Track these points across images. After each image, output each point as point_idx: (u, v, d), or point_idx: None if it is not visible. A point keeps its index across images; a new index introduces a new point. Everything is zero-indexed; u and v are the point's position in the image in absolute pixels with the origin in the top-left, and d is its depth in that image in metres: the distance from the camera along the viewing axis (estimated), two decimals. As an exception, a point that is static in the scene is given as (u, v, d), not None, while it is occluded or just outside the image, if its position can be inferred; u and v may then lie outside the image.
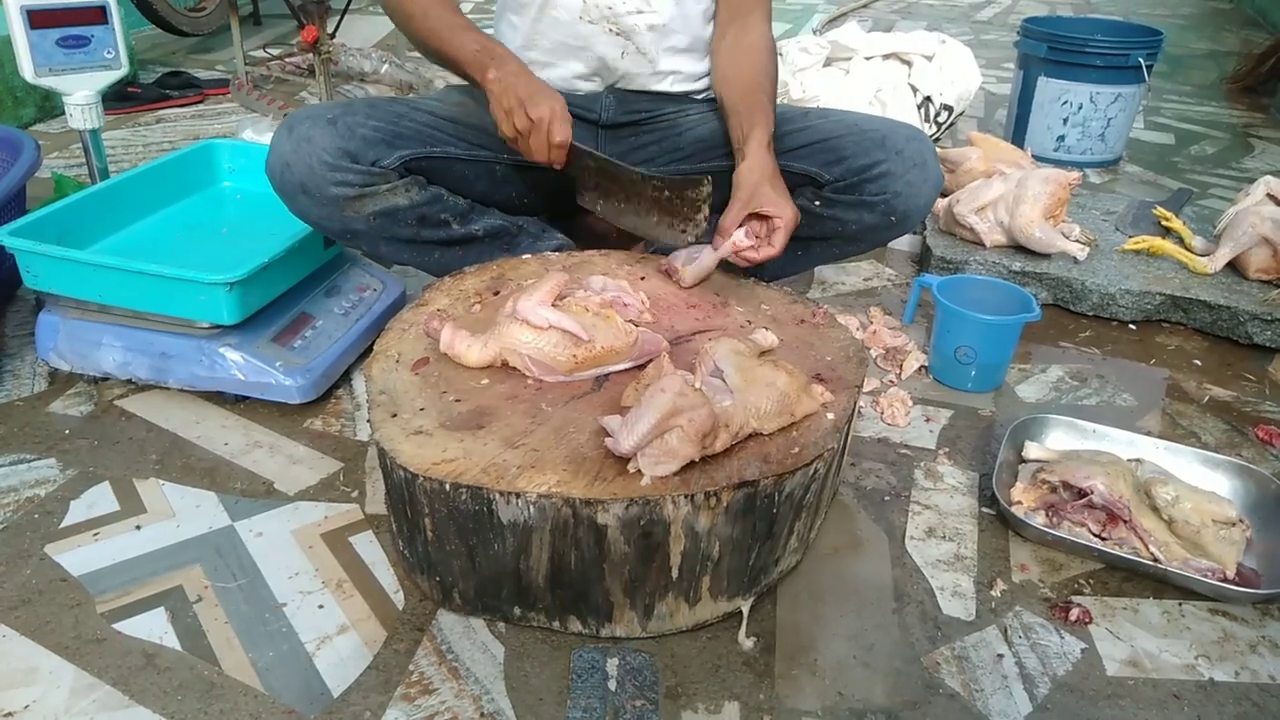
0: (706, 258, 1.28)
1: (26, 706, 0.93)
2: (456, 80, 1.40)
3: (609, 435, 0.94)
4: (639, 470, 0.92)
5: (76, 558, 1.11)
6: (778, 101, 1.40)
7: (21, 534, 1.14)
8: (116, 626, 1.02)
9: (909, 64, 2.54)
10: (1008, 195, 1.81)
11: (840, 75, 2.52)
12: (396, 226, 1.34)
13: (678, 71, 1.49)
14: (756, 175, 1.26)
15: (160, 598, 1.06)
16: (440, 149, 1.37)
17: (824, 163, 1.39)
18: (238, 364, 1.34)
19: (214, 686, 0.95)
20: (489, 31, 1.40)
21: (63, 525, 1.16)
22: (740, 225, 1.25)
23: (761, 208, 1.24)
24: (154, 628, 1.02)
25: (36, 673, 0.96)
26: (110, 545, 1.13)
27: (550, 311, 1.07)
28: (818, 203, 1.40)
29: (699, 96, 1.55)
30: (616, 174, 1.32)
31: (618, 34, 1.42)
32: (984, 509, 1.25)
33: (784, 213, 1.24)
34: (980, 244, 1.84)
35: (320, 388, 1.39)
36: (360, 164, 1.28)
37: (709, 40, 1.50)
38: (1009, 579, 1.13)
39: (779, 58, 1.63)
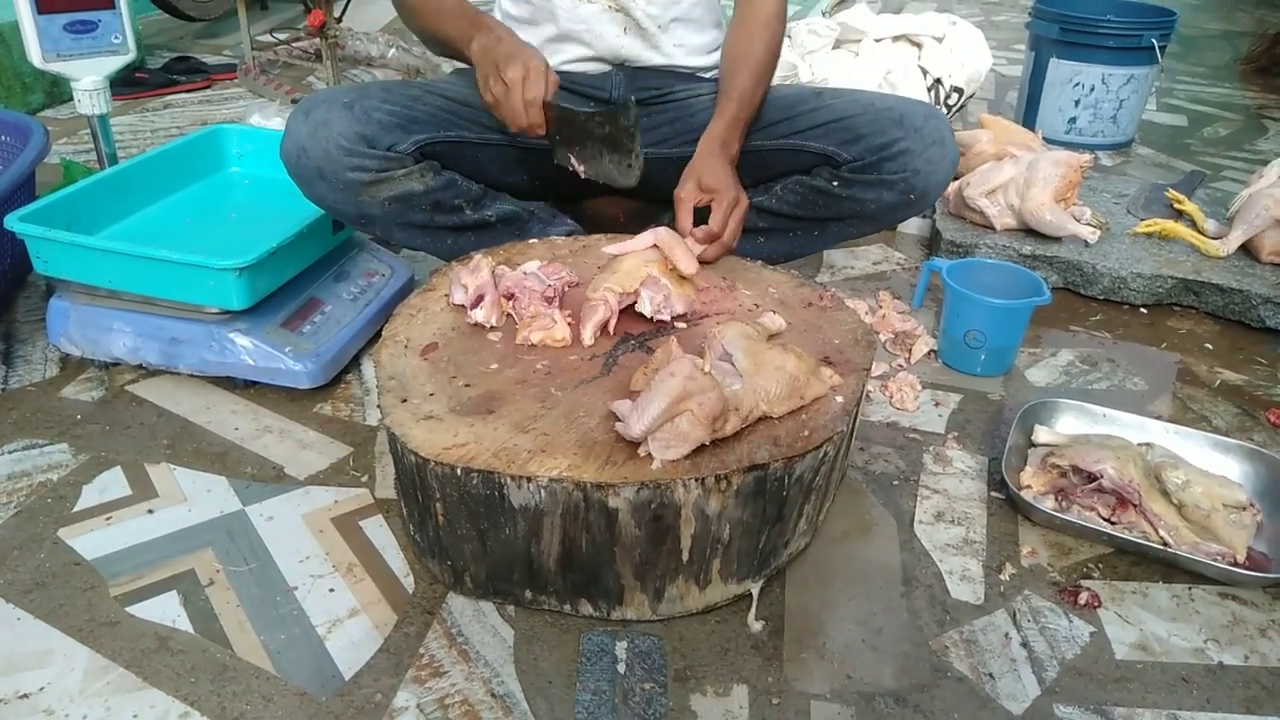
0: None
1: (41, 688, 0.93)
2: (464, 65, 1.39)
3: (619, 420, 0.94)
4: (649, 454, 0.92)
5: (89, 542, 1.12)
6: (790, 83, 1.40)
7: (35, 518, 1.15)
8: (130, 610, 1.03)
9: (919, 46, 2.51)
10: (1018, 178, 1.80)
11: (849, 57, 2.50)
12: (411, 212, 1.33)
13: (682, 44, 1.48)
14: (703, 151, 1.31)
15: (172, 581, 1.07)
16: (455, 133, 1.36)
17: (841, 142, 1.38)
18: (247, 349, 1.35)
19: (226, 669, 0.96)
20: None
21: (75, 509, 1.17)
22: (695, 202, 1.28)
23: (703, 178, 1.28)
24: (167, 611, 1.03)
25: (51, 655, 0.97)
26: (123, 529, 1.14)
27: None
28: (835, 183, 1.40)
29: (708, 74, 1.54)
30: (573, 120, 1.27)
31: (617, 10, 1.42)
32: (993, 493, 1.24)
33: (719, 185, 1.27)
34: (990, 227, 1.83)
35: (329, 373, 1.39)
36: (376, 149, 1.27)
37: (713, 10, 1.50)
38: (1018, 563, 1.13)
39: (786, 39, 1.62)
